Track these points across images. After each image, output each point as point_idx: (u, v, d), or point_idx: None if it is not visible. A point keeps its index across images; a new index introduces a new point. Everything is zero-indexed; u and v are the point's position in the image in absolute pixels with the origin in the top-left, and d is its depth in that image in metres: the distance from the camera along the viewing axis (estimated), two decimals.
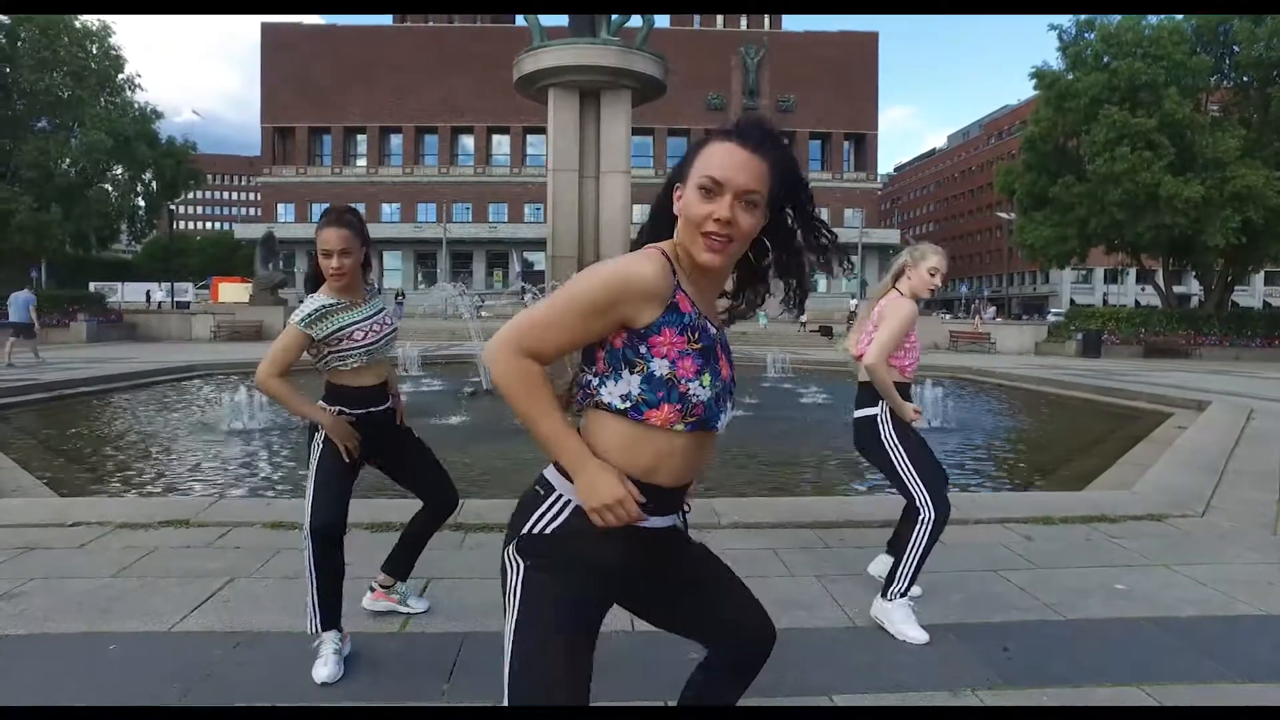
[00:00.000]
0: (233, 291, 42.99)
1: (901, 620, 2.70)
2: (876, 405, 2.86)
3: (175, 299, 38.15)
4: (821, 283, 54.66)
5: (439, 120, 53.83)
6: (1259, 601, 3.04)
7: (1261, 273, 43.60)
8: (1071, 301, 57.11)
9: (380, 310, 2.66)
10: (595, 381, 1.26)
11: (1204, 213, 21.46)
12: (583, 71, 10.12)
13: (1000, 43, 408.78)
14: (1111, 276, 62.39)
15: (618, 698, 2.20)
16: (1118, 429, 8.38)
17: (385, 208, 53.74)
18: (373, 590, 2.89)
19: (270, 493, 5.27)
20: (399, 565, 2.84)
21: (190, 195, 38.42)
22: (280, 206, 54.40)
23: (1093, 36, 24.53)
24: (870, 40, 55.48)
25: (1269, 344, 22.84)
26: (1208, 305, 27.18)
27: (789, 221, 1.35)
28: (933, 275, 2.93)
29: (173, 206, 34.66)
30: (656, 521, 1.30)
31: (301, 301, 2.60)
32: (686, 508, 1.44)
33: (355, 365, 2.58)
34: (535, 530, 1.26)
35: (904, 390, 2.92)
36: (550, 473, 1.29)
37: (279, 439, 7.38)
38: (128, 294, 41.37)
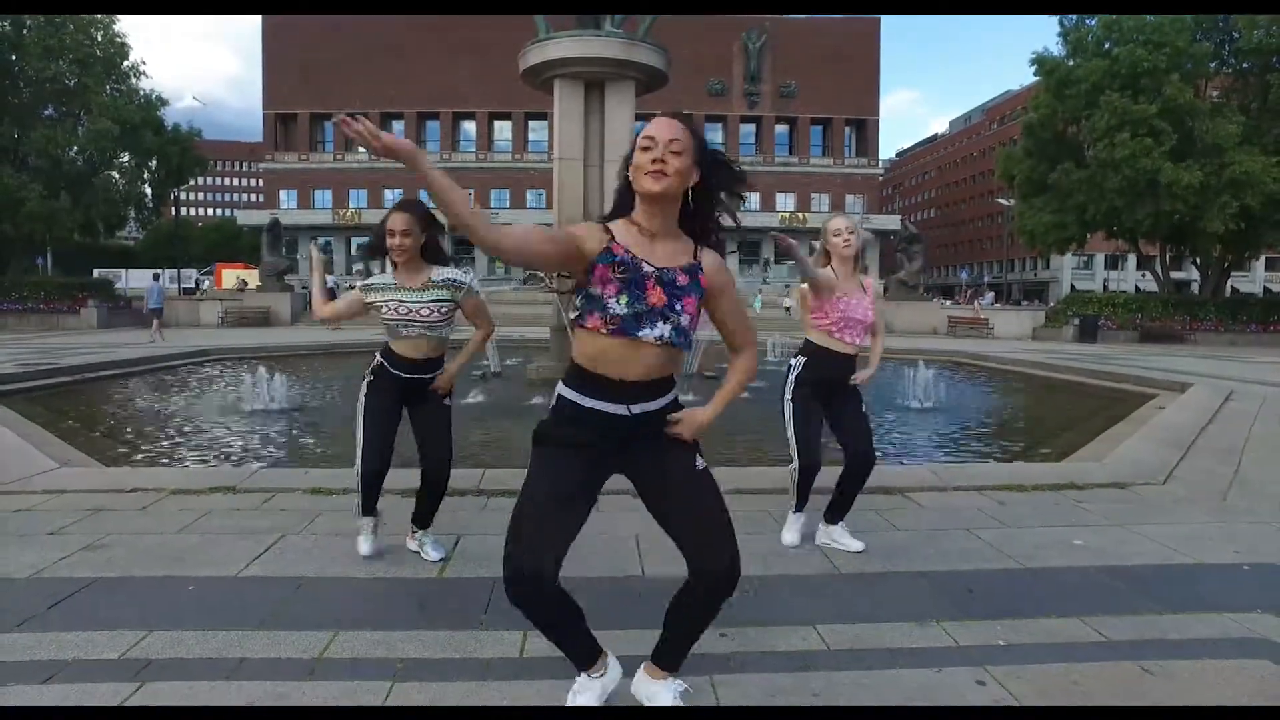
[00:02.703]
0: (236, 278, 43.33)
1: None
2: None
3: (181, 285, 38.43)
4: None
5: (441, 106, 53.89)
6: (1196, 553, 3.42)
7: (1262, 258, 43.78)
8: (1072, 287, 57.29)
9: (431, 300, 3.10)
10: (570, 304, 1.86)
11: (1203, 199, 21.69)
12: (588, 63, 10.38)
13: (1003, 27, 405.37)
14: (1112, 262, 62.56)
15: (638, 629, 2.58)
16: (1101, 410, 8.73)
17: (388, 194, 53.86)
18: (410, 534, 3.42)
19: (306, 463, 5.65)
20: (417, 515, 3.36)
21: (192, 182, 38.60)
22: (282, 193, 54.61)
23: (1094, 23, 24.67)
24: (872, 26, 55.32)
25: (1265, 329, 23.12)
26: (1204, 291, 27.46)
27: (706, 190, 1.85)
28: (836, 236, 3.38)
29: (177, 193, 34.86)
30: (600, 405, 1.81)
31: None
32: (669, 415, 1.89)
33: (393, 336, 3.16)
34: (541, 423, 1.88)
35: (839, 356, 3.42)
36: (559, 384, 1.88)
37: (297, 418, 7.77)
38: (132, 281, 41.67)
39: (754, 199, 55.34)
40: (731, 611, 2.73)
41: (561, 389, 1.86)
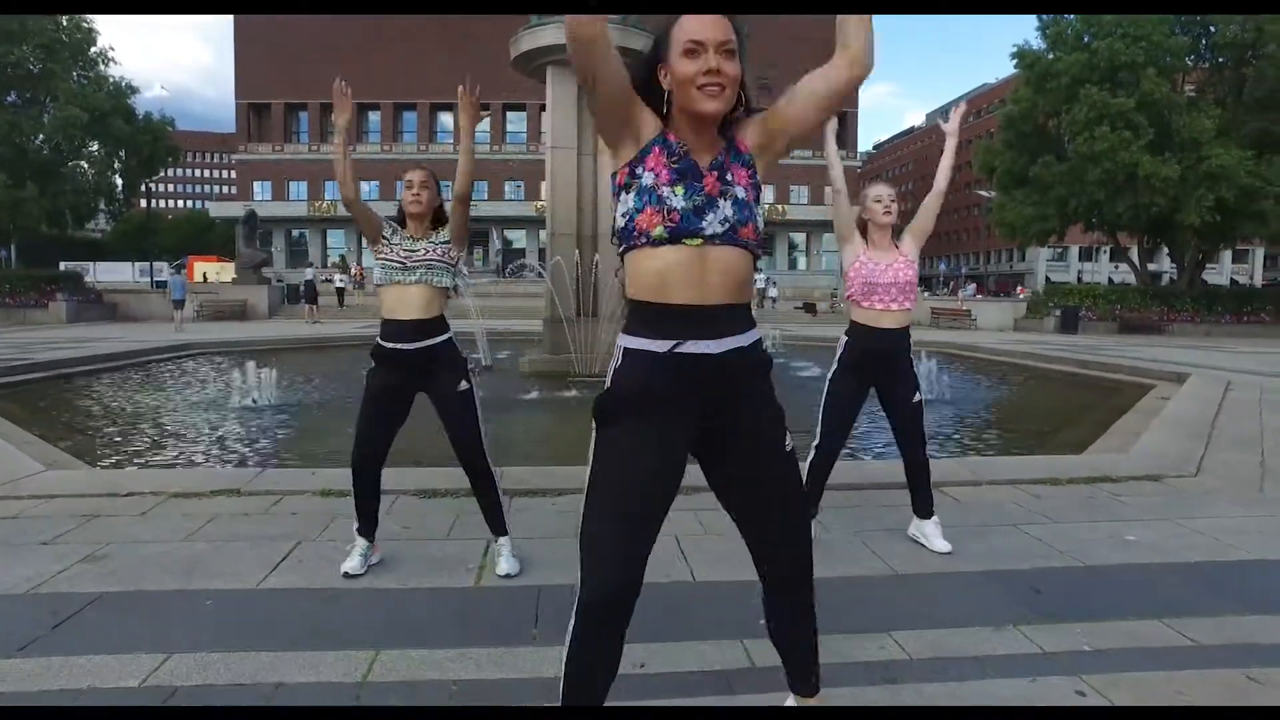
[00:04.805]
0: (209, 271, 42.35)
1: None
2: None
3: (154, 279, 37.41)
4: (801, 260, 55.17)
5: (417, 97, 53.01)
6: (1252, 548, 3.34)
7: (1229, 251, 44.70)
8: (1047, 279, 58.04)
9: (432, 242, 2.97)
10: (615, 215, 1.57)
11: (1181, 192, 21.97)
12: None
13: (978, 21, 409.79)
14: (1086, 254, 63.42)
15: (687, 639, 2.41)
16: (1103, 400, 8.73)
17: (363, 185, 52.92)
18: None
19: (311, 463, 5.38)
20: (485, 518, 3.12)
21: (163, 173, 37.60)
22: (256, 184, 53.43)
23: (1073, 16, 24.84)
24: None
25: (1238, 320, 23.56)
26: (1180, 283, 27.88)
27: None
28: (877, 202, 3.30)
29: (148, 184, 33.84)
30: (689, 346, 1.49)
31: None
32: (762, 344, 1.61)
33: (383, 282, 2.93)
34: (606, 386, 1.56)
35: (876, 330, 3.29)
36: (620, 339, 1.58)
37: (290, 414, 7.48)
38: (101, 273, 40.52)
39: None
40: None
41: (625, 340, 1.55)
